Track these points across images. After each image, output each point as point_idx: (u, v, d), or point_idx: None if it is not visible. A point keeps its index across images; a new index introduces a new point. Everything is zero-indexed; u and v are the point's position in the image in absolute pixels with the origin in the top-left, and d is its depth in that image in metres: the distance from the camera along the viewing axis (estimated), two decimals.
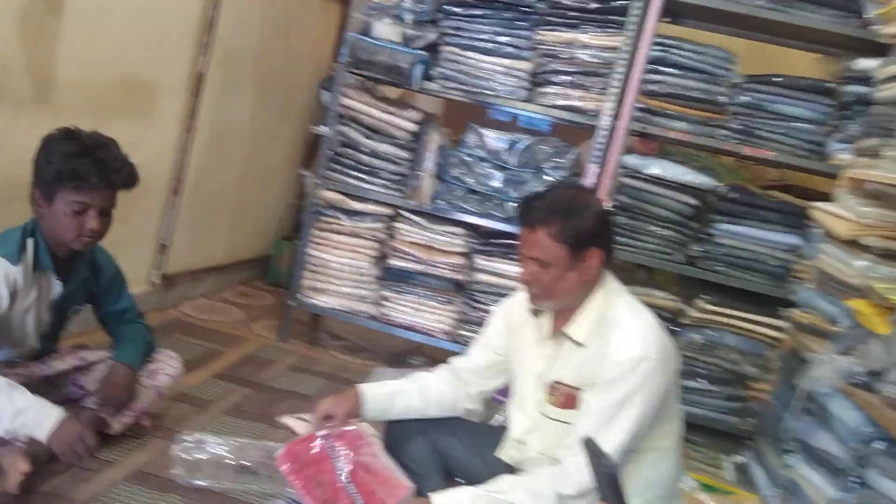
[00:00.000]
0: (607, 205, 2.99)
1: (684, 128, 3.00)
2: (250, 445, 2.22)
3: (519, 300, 1.89)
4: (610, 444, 1.54)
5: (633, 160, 3.02)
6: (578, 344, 1.68)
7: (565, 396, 1.68)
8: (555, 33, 3.03)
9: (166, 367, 2.22)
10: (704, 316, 3.04)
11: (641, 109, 2.99)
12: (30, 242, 1.88)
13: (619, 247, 3.05)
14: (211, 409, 2.52)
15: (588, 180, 3.03)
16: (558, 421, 1.70)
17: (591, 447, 0.78)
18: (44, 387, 1.99)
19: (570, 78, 3.05)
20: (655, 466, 1.72)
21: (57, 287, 1.98)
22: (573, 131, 3.36)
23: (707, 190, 3.03)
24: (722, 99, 2.98)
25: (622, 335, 1.62)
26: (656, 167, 3.00)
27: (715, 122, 3.01)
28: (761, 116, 2.98)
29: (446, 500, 1.62)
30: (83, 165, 1.80)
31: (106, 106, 2.74)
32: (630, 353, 1.59)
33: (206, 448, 2.13)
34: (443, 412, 1.93)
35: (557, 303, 1.70)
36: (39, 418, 1.74)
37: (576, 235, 1.61)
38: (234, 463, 2.11)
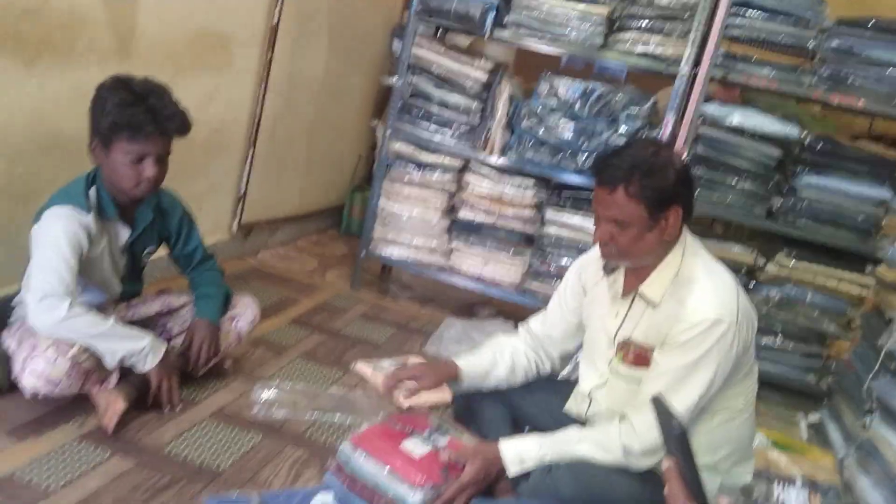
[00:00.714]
0: (683, 157, 2.90)
1: (769, 74, 2.86)
2: (324, 390, 2.32)
3: (592, 257, 1.87)
4: (678, 405, 1.53)
5: (713, 109, 2.90)
6: (652, 303, 1.65)
7: (636, 354, 1.67)
8: None
9: (245, 313, 2.32)
10: (783, 272, 2.94)
11: (723, 55, 2.85)
12: (92, 191, 1.95)
13: (697, 200, 2.96)
14: (287, 354, 2.62)
15: (665, 131, 2.94)
16: (628, 378, 1.69)
17: (659, 406, 0.77)
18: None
19: (648, 23, 2.93)
20: (727, 426, 1.69)
21: (124, 233, 2.06)
22: (650, 79, 3.25)
23: (791, 140, 2.89)
24: (810, 44, 2.81)
25: (697, 296, 1.58)
26: (738, 116, 2.87)
27: (802, 68, 2.85)
28: (852, 63, 2.79)
29: (514, 446, 1.64)
30: (137, 115, 1.83)
31: (184, 59, 2.81)
32: (704, 315, 1.55)
33: (283, 390, 2.23)
34: (528, 378, 1.95)
35: (634, 262, 1.67)
36: (155, 349, 1.93)
37: (656, 195, 1.55)
38: (309, 406, 2.20)
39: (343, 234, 4.58)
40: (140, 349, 1.91)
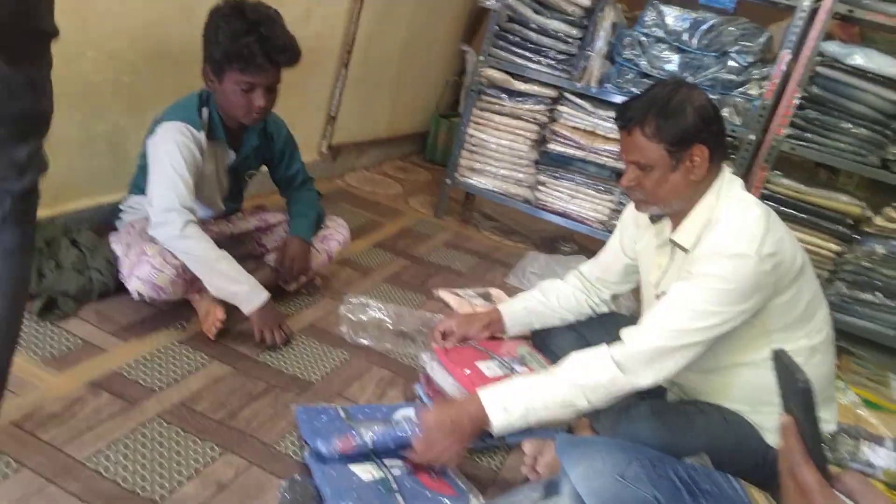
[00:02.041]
0: (797, 95, 2.73)
1: None
2: (408, 313, 2.35)
3: None
4: (677, 322, 1.47)
5: (833, 47, 2.70)
6: (686, 250, 1.58)
7: None
8: None
9: (336, 234, 2.36)
10: (892, 225, 2.77)
11: None
12: (205, 112, 1.98)
13: (806, 143, 2.80)
14: (373, 276, 2.67)
15: (779, 68, 2.76)
16: None
17: (781, 358, 0.73)
18: (231, 243, 2.17)
19: None
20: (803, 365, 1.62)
21: (230, 155, 2.10)
22: (765, 11, 3.03)
23: None
24: None
25: (721, 231, 1.50)
26: (860, 57, 2.66)
27: None
28: None
29: (495, 395, 1.52)
30: (249, 46, 1.82)
31: None
32: (725, 249, 1.46)
33: (369, 311, 2.28)
34: (579, 318, 1.96)
35: (663, 207, 1.60)
36: (251, 297, 1.94)
37: (674, 133, 1.50)
38: (392, 327, 2.25)
39: (427, 161, 4.57)
40: (234, 293, 1.93)
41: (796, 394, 0.72)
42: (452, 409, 1.52)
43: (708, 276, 1.47)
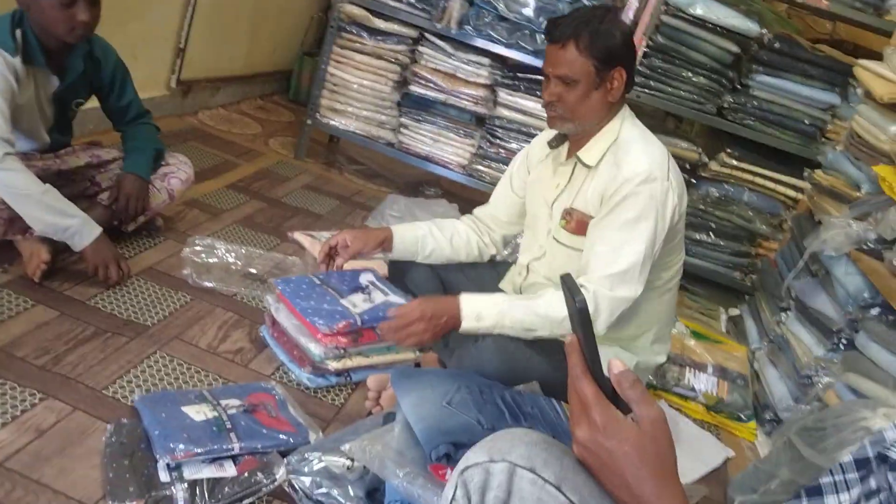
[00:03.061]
0: (643, 44, 2.84)
1: None
2: (259, 255, 2.29)
3: (539, 140, 1.91)
4: (623, 262, 1.56)
5: None
6: (589, 167, 1.68)
7: (577, 223, 1.69)
8: None
9: (178, 172, 2.24)
10: (725, 170, 2.98)
11: None
12: (18, 34, 1.79)
13: (651, 91, 2.94)
14: (223, 218, 2.57)
15: (628, 15, 2.85)
16: (568, 247, 1.72)
17: (566, 282, 0.77)
18: (60, 180, 2.01)
19: None
20: (652, 303, 1.74)
21: (53, 81, 1.93)
22: None
23: (751, 37, 2.85)
24: None
25: (632, 157, 1.61)
26: (701, 7, 2.80)
27: None
28: None
29: (474, 301, 1.61)
30: None
31: None
32: (636, 170, 1.58)
33: (216, 253, 2.20)
34: (470, 259, 1.97)
35: (578, 125, 1.68)
36: (82, 231, 1.81)
37: (604, 51, 1.59)
38: (241, 269, 2.19)
39: (290, 101, 4.42)
40: (65, 228, 1.80)
41: (577, 313, 0.76)
42: (433, 302, 1.62)
43: (634, 204, 1.57)
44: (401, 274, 1.99)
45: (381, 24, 3.16)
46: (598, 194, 1.65)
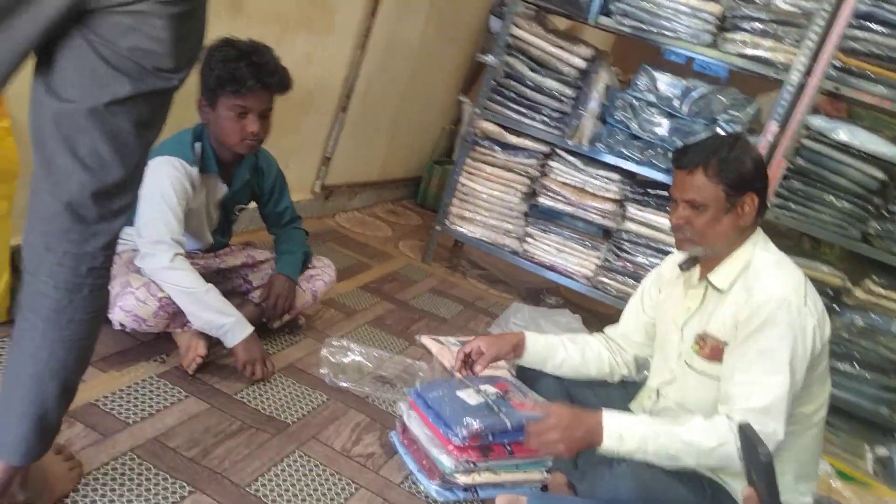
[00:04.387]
0: (783, 167, 2.80)
1: (884, 93, 2.70)
2: (389, 358, 2.36)
3: (670, 260, 1.91)
4: (763, 398, 1.48)
5: (819, 122, 2.78)
6: (720, 290, 1.65)
7: (711, 348, 1.65)
8: None
9: (323, 275, 2.38)
10: (871, 298, 2.82)
11: (837, 68, 2.72)
12: (198, 146, 2.02)
13: (790, 213, 2.87)
14: (357, 319, 2.67)
15: (766, 138, 2.83)
16: (701, 373, 1.67)
17: (746, 432, 0.76)
18: (217, 277, 2.18)
19: (762, 26, 2.81)
20: (797, 439, 1.64)
21: (222, 188, 2.14)
22: (754, 82, 3.12)
23: None
24: None
25: (766, 281, 1.57)
26: (844, 133, 2.74)
27: None
28: None
29: (618, 420, 1.54)
30: (240, 69, 1.90)
31: (291, 19, 2.85)
32: (773, 295, 1.53)
33: (350, 354, 2.29)
34: (600, 375, 1.95)
35: (707, 248, 1.67)
36: (236, 329, 1.96)
37: (734, 177, 1.60)
38: (372, 371, 2.25)
39: (418, 206, 4.62)
40: (220, 325, 1.94)
41: (759, 466, 0.74)
42: (574, 414, 1.55)
43: (770, 332, 1.51)
44: (528, 383, 1.98)
45: (513, 139, 3.29)
46: (731, 319, 1.61)
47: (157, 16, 1.00)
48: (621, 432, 1.51)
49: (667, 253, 3.04)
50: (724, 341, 1.63)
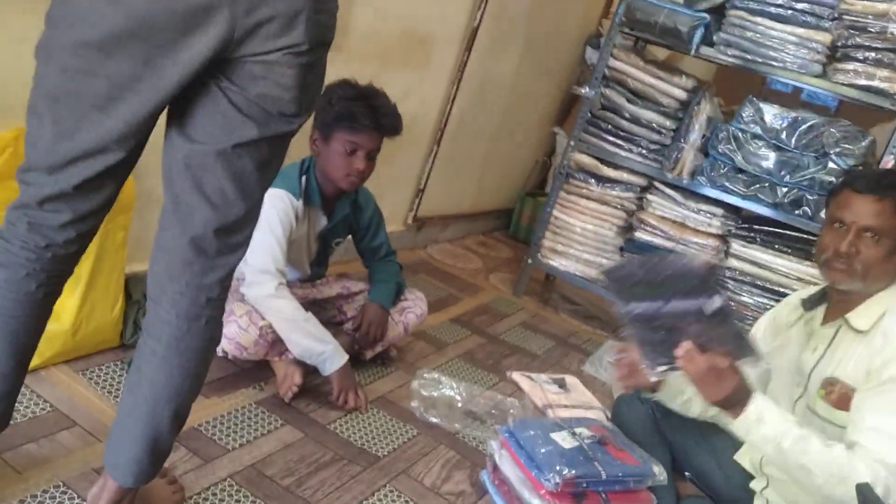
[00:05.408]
0: None
1: None
2: (480, 393, 2.33)
3: (788, 302, 1.82)
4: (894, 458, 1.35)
5: None
6: (858, 332, 1.55)
7: (839, 396, 1.54)
8: (865, 2, 2.65)
9: (415, 307, 2.39)
10: None
11: None
12: (303, 179, 2.10)
13: None
14: (447, 352, 2.66)
15: None
16: (825, 420, 1.56)
17: (864, 492, 0.69)
18: (313, 307, 2.22)
19: (876, 55, 2.66)
20: None
21: (322, 221, 2.20)
22: (865, 113, 2.95)
23: None
24: None
25: None
26: None
27: None
28: None
29: (765, 403, 1.43)
30: (359, 108, 1.97)
31: (390, 56, 2.92)
32: None
33: (441, 388, 2.27)
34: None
35: (865, 284, 1.57)
36: (333, 357, 2.01)
37: None
38: (462, 406, 2.23)
39: (510, 238, 4.60)
40: (319, 353, 1.99)
41: None
42: (733, 370, 1.40)
43: None
44: (622, 426, 1.93)
45: (609, 172, 3.22)
46: (863, 364, 1.51)
47: (286, 65, 1.07)
48: (764, 415, 1.40)
49: (774, 292, 2.89)
50: (853, 388, 1.52)
